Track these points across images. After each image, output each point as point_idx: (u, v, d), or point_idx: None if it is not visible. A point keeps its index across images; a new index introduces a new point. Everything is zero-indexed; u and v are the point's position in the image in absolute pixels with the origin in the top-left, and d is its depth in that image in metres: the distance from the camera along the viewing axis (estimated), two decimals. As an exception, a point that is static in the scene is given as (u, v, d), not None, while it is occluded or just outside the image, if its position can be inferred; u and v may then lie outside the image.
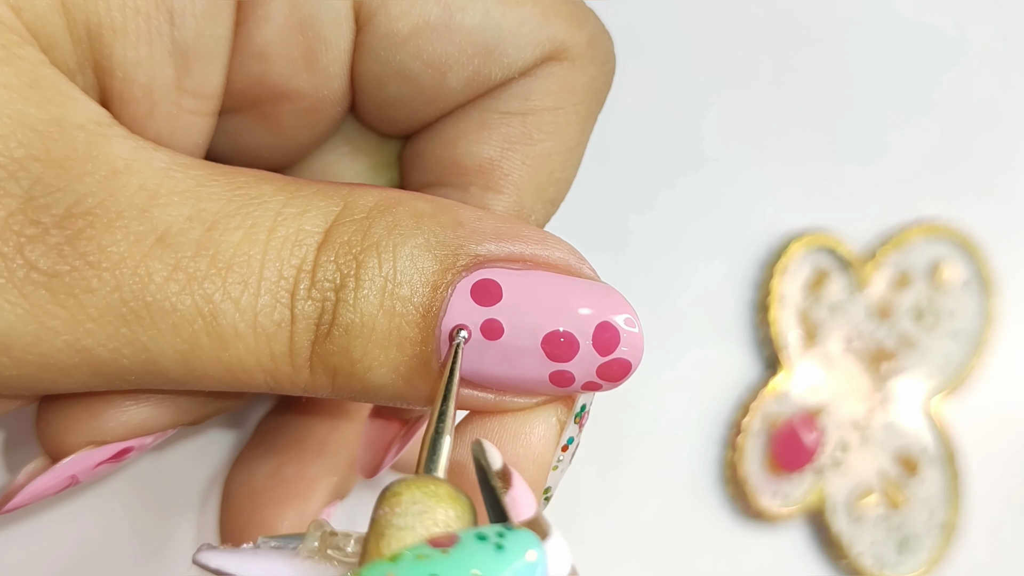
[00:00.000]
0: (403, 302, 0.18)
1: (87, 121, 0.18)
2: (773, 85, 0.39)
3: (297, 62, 0.21)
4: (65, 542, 0.28)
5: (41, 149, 0.17)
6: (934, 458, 0.40)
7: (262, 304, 0.18)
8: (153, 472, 0.29)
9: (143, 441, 0.21)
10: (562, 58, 0.22)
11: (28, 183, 0.17)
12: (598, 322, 0.18)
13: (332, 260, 0.18)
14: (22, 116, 0.17)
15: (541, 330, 0.18)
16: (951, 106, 0.41)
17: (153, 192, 0.17)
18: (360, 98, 0.22)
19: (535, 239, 0.19)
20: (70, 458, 0.20)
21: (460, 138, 0.22)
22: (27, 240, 0.16)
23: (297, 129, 0.22)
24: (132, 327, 0.17)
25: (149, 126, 0.20)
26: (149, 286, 0.17)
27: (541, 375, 0.18)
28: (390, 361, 0.18)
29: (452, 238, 0.18)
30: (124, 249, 0.17)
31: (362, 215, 0.18)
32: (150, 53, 0.19)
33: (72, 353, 0.17)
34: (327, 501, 0.25)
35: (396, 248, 0.18)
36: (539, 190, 0.22)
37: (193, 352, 0.18)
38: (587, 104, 0.22)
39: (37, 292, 0.17)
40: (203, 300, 0.17)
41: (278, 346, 0.18)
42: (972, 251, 0.41)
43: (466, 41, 0.21)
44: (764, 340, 0.38)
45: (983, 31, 0.42)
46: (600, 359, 0.18)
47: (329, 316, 0.18)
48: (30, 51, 0.17)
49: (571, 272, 0.19)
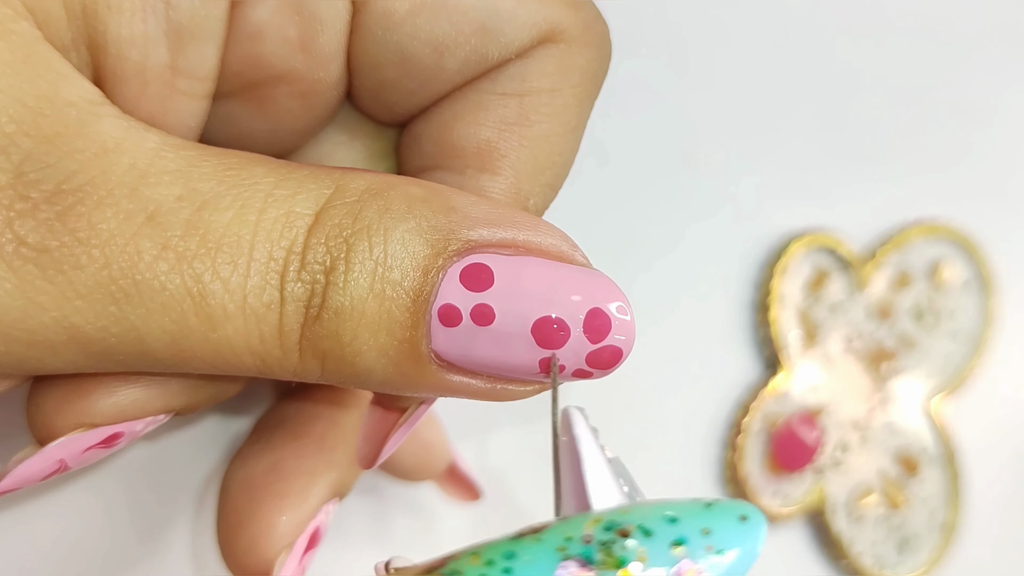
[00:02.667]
0: (393, 286, 0.18)
1: (78, 99, 0.17)
2: (773, 85, 0.39)
3: (292, 43, 0.21)
4: (62, 535, 0.28)
5: (32, 125, 0.17)
6: (934, 458, 0.40)
7: (251, 285, 0.17)
8: (151, 466, 0.29)
9: (133, 427, 0.21)
10: (558, 40, 0.21)
11: (19, 158, 0.16)
12: (589, 308, 0.18)
13: (322, 243, 0.18)
14: (14, 91, 0.17)
15: (532, 316, 0.18)
16: (951, 106, 0.41)
17: (143, 171, 0.17)
18: (357, 81, 0.22)
19: (528, 225, 0.19)
20: (58, 441, 0.20)
21: (457, 120, 0.22)
22: (17, 215, 0.16)
23: (292, 114, 0.22)
24: (121, 305, 0.17)
25: (141, 106, 0.19)
26: (138, 264, 0.17)
27: (531, 361, 0.18)
28: (379, 345, 0.18)
29: (444, 223, 0.18)
30: (114, 226, 0.17)
31: (353, 198, 0.18)
32: (144, 32, 0.19)
33: (60, 330, 0.17)
34: (326, 497, 0.25)
35: (387, 232, 0.18)
36: (536, 172, 0.22)
37: (182, 332, 0.17)
38: (584, 87, 0.22)
39: (26, 267, 0.16)
40: (192, 280, 0.17)
41: (267, 328, 0.18)
42: (972, 251, 0.41)
43: (463, 20, 0.21)
44: (764, 340, 0.38)
45: (983, 31, 0.42)
46: (591, 346, 0.18)
47: (319, 299, 0.18)
48: (24, 26, 0.17)
49: (563, 259, 0.19)
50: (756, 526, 0.15)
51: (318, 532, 0.25)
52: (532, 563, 0.14)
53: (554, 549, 0.14)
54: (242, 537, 0.24)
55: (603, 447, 0.17)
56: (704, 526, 0.14)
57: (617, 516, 0.15)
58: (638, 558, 0.14)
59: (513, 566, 0.14)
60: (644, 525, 0.14)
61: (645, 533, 0.14)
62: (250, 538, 0.24)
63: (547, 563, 0.14)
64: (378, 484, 0.32)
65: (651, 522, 0.14)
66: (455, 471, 0.31)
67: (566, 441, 0.17)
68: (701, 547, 0.14)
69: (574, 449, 0.17)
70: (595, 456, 0.17)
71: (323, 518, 0.25)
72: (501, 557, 0.14)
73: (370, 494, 0.32)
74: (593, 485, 0.16)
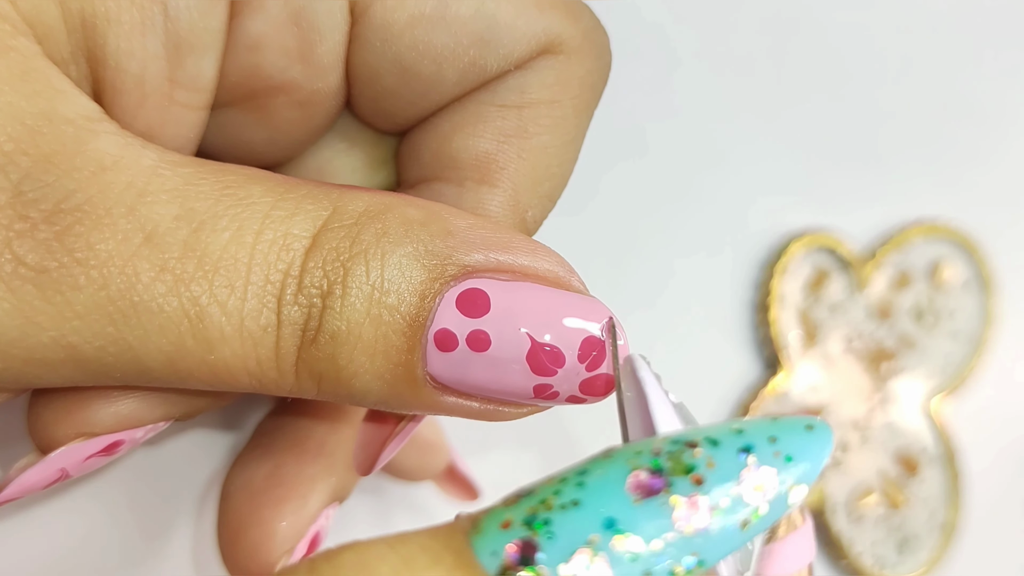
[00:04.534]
0: (390, 311, 0.18)
1: (76, 116, 0.17)
2: (773, 85, 0.39)
3: (291, 53, 0.21)
4: (64, 540, 0.28)
5: (30, 143, 0.17)
6: (934, 458, 0.40)
7: (249, 308, 0.17)
8: (151, 472, 0.29)
9: (133, 434, 0.21)
10: (558, 51, 0.21)
11: (17, 177, 0.16)
12: (584, 337, 0.18)
13: (320, 266, 0.18)
14: (12, 109, 0.17)
15: (527, 343, 0.18)
16: (952, 107, 0.41)
17: (141, 190, 0.17)
18: (356, 91, 0.22)
19: (525, 250, 0.19)
20: (60, 450, 0.20)
21: (456, 132, 0.22)
22: (16, 235, 0.16)
23: (291, 123, 0.22)
24: (118, 326, 0.17)
25: (140, 117, 0.19)
26: (136, 286, 0.17)
27: (525, 387, 0.18)
28: (376, 369, 0.18)
29: (441, 247, 0.18)
30: (112, 247, 0.17)
31: (351, 221, 0.18)
32: (143, 44, 0.19)
33: (57, 349, 0.17)
34: (326, 502, 0.25)
35: (384, 256, 0.18)
36: (535, 184, 0.22)
37: (179, 353, 0.17)
38: (583, 98, 0.22)
39: (24, 287, 0.16)
40: (190, 302, 0.17)
41: (264, 351, 0.18)
42: (972, 251, 0.41)
43: (461, 31, 0.21)
44: (764, 340, 0.38)
45: (984, 32, 0.42)
46: (585, 374, 0.18)
47: (316, 322, 0.18)
48: (23, 42, 0.17)
49: (559, 284, 0.19)
50: (822, 433, 0.15)
51: (318, 537, 0.25)
52: (604, 475, 0.14)
53: (624, 463, 0.14)
54: (243, 542, 0.24)
55: (667, 392, 0.17)
56: (771, 435, 0.15)
57: (685, 433, 0.15)
58: (707, 464, 0.14)
59: (585, 480, 0.14)
60: (711, 436, 0.15)
61: (712, 443, 0.15)
62: (251, 543, 0.24)
63: (618, 475, 0.14)
64: (378, 484, 0.32)
65: (718, 433, 0.15)
66: (454, 471, 0.31)
67: (632, 394, 0.18)
68: (769, 453, 0.15)
69: (640, 391, 0.17)
70: (661, 399, 0.17)
71: (323, 523, 0.25)
72: (574, 474, 0.15)
73: (370, 494, 0.32)
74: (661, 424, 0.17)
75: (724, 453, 0.15)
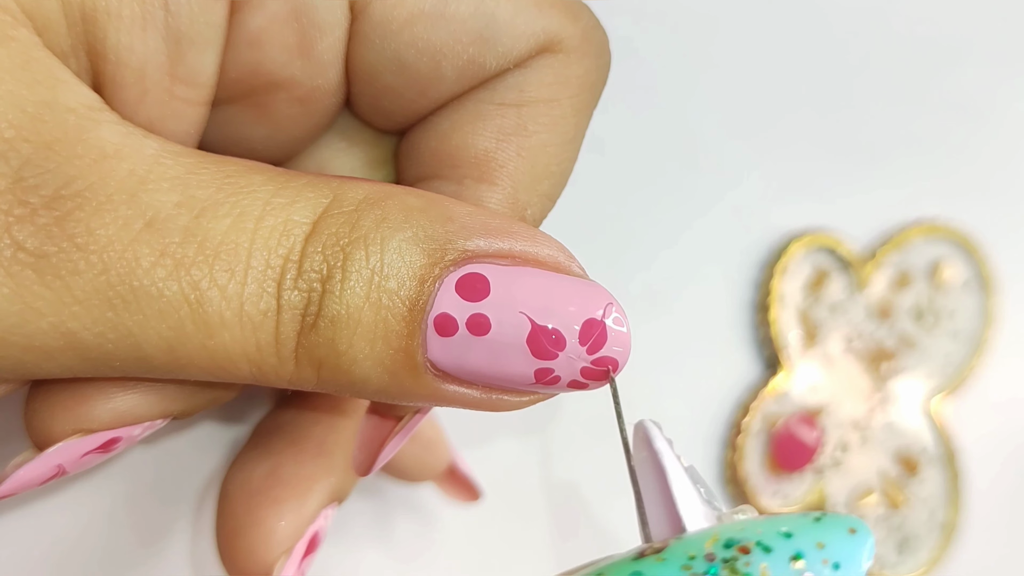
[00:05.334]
0: (390, 295, 0.18)
1: (78, 105, 0.17)
2: (773, 85, 0.39)
3: (291, 50, 0.21)
4: (61, 538, 0.28)
5: (31, 131, 0.17)
6: (934, 458, 0.40)
7: (249, 293, 0.17)
8: (150, 471, 0.29)
9: (131, 431, 0.21)
10: (557, 50, 0.21)
11: (18, 163, 0.16)
12: (585, 319, 0.18)
13: (319, 251, 0.18)
14: (13, 97, 0.17)
15: (527, 327, 0.18)
16: (951, 106, 0.41)
17: (142, 177, 0.17)
18: (355, 89, 0.22)
19: (525, 235, 0.19)
20: (56, 446, 0.20)
21: (455, 130, 0.22)
22: (15, 220, 0.16)
23: (291, 120, 0.22)
24: (118, 311, 0.17)
25: (140, 112, 0.19)
26: (136, 271, 0.17)
27: (526, 372, 0.18)
28: (375, 354, 0.18)
29: (441, 232, 0.18)
30: (112, 232, 0.17)
31: (351, 207, 0.18)
32: (143, 38, 0.19)
33: (57, 336, 0.17)
34: (325, 502, 0.25)
35: (384, 241, 0.18)
36: (534, 183, 0.22)
37: (178, 339, 0.17)
38: (582, 97, 0.22)
39: (23, 272, 0.16)
40: (190, 287, 0.17)
41: (264, 335, 0.18)
42: (972, 251, 0.41)
43: (460, 29, 0.21)
44: (764, 340, 0.38)
45: (983, 31, 0.42)
46: (587, 357, 0.18)
47: (315, 307, 0.18)
48: (23, 33, 0.17)
49: (560, 269, 0.19)
50: (864, 538, 0.15)
51: (317, 537, 0.25)
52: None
53: (679, 568, 0.15)
54: (241, 542, 0.24)
55: (679, 457, 0.17)
56: (818, 540, 0.15)
57: (734, 533, 0.15)
58: (761, 574, 0.15)
59: None
60: (762, 541, 0.15)
61: (765, 549, 0.15)
62: (249, 543, 0.24)
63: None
64: (378, 485, 0.32)
65: (768, 538, 0.15)
66: (455, 471, 0.31)
67: (646, 456, 0.18)
68: (818, 560, 0.15)
69: (657, 464, 0.17)
70: (678, 470, 0.17)
71: (322, 523, 0.25)
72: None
73: (370, 495, 0.32)
74: (682, 501, 0.17)
75: (777, 562, 0.15)
